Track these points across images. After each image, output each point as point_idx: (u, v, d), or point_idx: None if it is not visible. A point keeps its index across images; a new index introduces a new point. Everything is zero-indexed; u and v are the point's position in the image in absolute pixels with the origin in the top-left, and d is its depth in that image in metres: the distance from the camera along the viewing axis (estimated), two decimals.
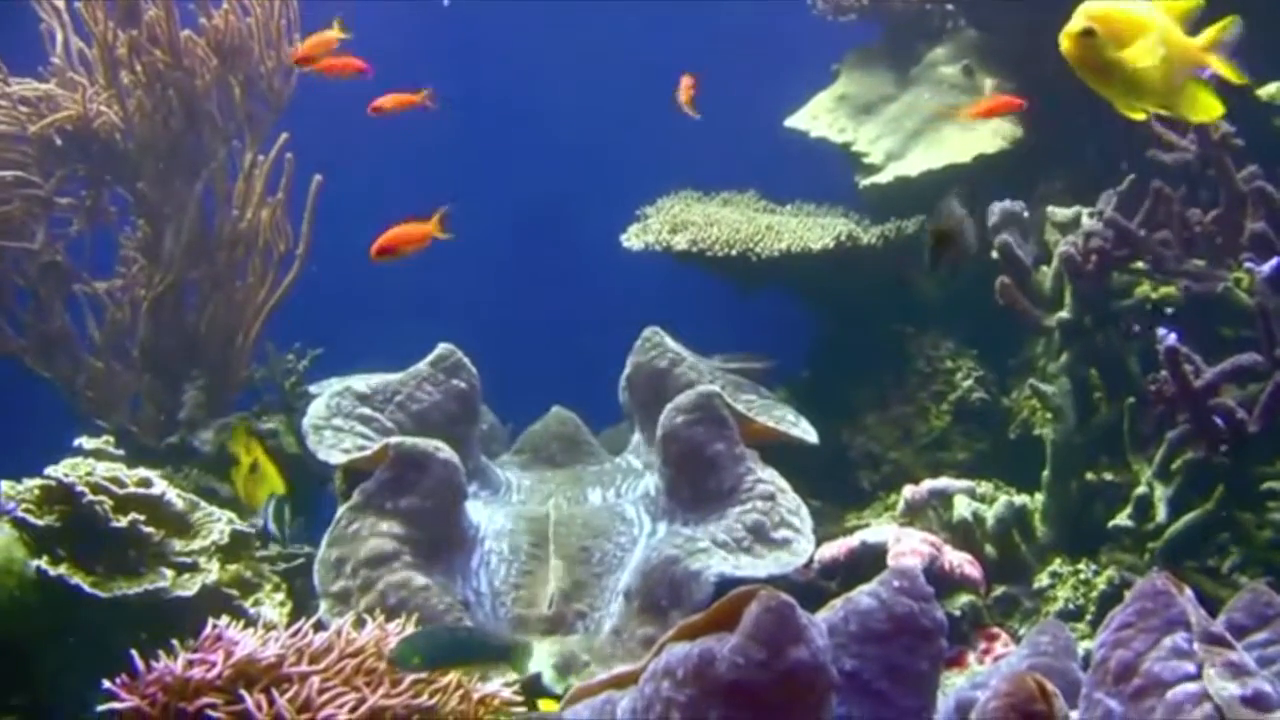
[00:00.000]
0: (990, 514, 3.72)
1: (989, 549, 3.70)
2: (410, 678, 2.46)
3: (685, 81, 4.37)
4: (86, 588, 3.13)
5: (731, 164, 5.21)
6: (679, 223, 4.62)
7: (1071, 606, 3.57)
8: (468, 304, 6.28)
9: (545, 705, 2.92)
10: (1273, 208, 3.49)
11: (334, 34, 4.00)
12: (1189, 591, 1.89)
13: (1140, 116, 2.48)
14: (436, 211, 3.74)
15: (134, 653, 2.37)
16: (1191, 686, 1.76)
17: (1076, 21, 2.40)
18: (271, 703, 2.30)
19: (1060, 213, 4.08)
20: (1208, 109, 2.47)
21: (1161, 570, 2.30)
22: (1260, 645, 1.99)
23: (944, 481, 3.84)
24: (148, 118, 4.24)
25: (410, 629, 2.66)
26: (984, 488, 3.91)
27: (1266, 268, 3.33)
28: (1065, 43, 2.39)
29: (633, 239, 4.67)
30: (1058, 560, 3.70)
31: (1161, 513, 3.48)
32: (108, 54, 4.22)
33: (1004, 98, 4.37)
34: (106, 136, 4.23)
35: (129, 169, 4.30)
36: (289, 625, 2.57)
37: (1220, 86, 3.62)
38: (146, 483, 3.48)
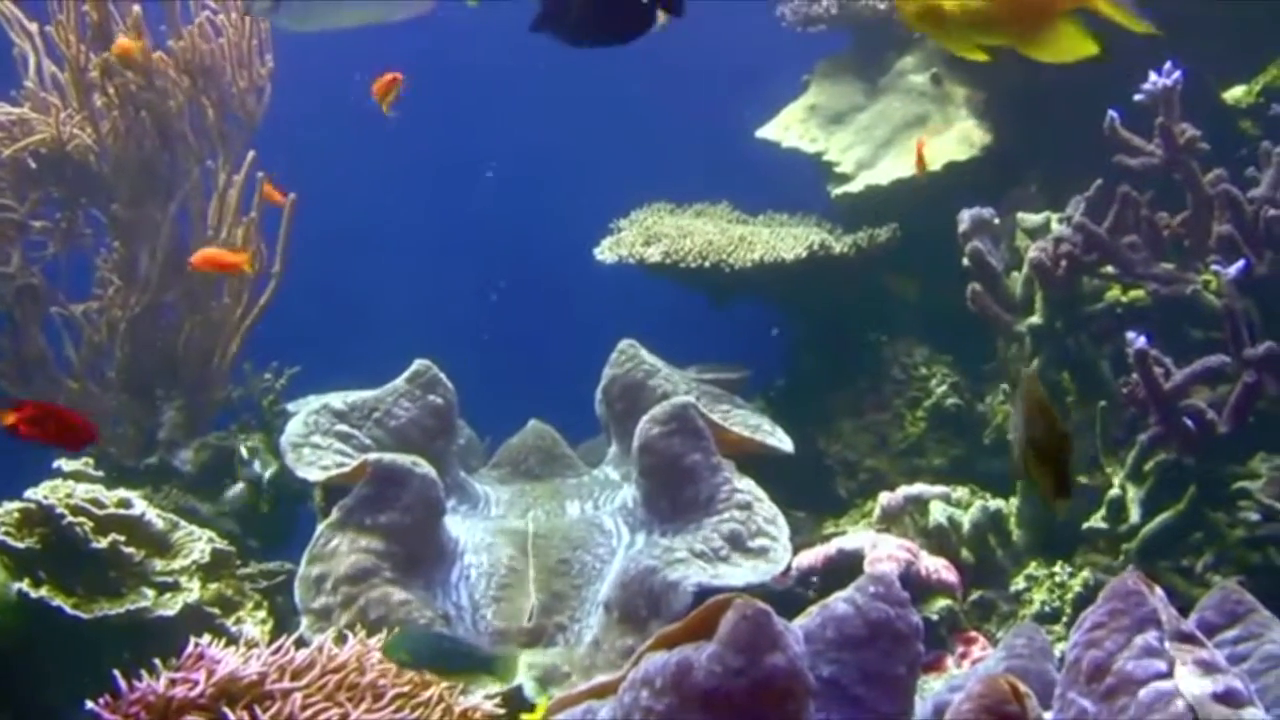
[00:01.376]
0: (966, 519, 3.74)
1: (965, 553, 3.72)
2: (392, 692, 2.48)
3: None
4: (68, 609, 3.15)
5: (704, 176, 5.24)
6: (652, 235, 4.63)
7: (1047, 609, 3.59)
8: (443, 319, 6.30)
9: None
10: (1239, 211, 3.51)
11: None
12: (1159, 590, 1.91)
13: (979, 56, 2.40)
14: (251, 248, 3.80)
15: (117, 672, 2.37)
16: (1163, 684, 1.77)
17: None
18: None
19: (1030, 218, 4.10)
20: (1072, 49, 2.33)
21: (1134, 570, 2.33)
22: (1231, 643, 2.01)
23: (920, 487, 3.87)
24: (121, 139, 4.24)
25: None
26: (959, 493, 3.93)
27: (1233, 270, 3.36)
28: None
29: (606, 252, 4.68)
30: (1033, 563, 3.72)
31: (1135, 514, 3.51)
32: (80, 77, 4.22)
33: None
34: (80, 159, 4.23)
35: (103, 191, 4.30)
36: (271, 643, 2.58)
37: (1190, 93, 3.67)
38: (126, 503, 3.49)
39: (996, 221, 3.98)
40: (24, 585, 3.15)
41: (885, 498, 3.85)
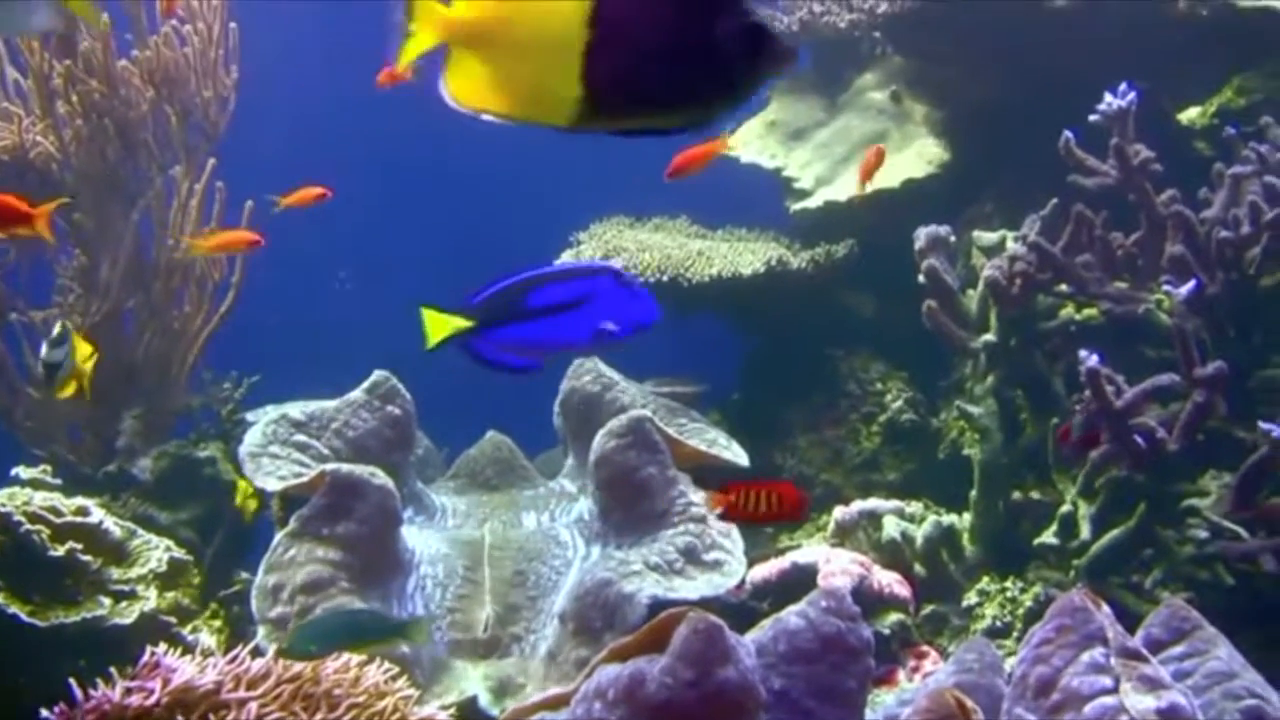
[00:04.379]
0: (919, 533, 3.77)
1: (918, 568, 3.75)
2: (347, 702, 2.49)
3: None
4: (24, 617, 3.14)
5: (663, 190, 5.26)
6: (611, 248, 4.66)
7: (999, 624, 3.62)
8: (403, 330, 6.29)
9: None
10: (1191, 232, 3.55)
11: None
12: (1106, 607, 1.94)
13: None
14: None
15: (72, 681, 2.38)
16: (1108, 700, 1.80)
17: None
18: None
19: (985, 236, 4.14)
20: None
21: (1085, 587, 2.35)
22: (1177, 659, 2.04)
23: (874, 502, 3.89)
24: (84, 147, 4.24)
25: (346, 656, 2.67)
26: (913, 508, 3.96)
27: (1184, 290, 3.39)
28: None
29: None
30: (985, 578, 3.75)
31: (1085, 530, 3.54)
32: (44, 84, 4.23)
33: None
34: (43, 166, 4.23)
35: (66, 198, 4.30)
36: (226, 652, 2.59)
37: (1145, 113, 3.71)
38: (84, 511, 3.49)
39: (952, 239, 4.01)
40: None
41: (839, 512, 3.88)
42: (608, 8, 1.47)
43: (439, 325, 2.77)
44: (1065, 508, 3.60)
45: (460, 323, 2.74)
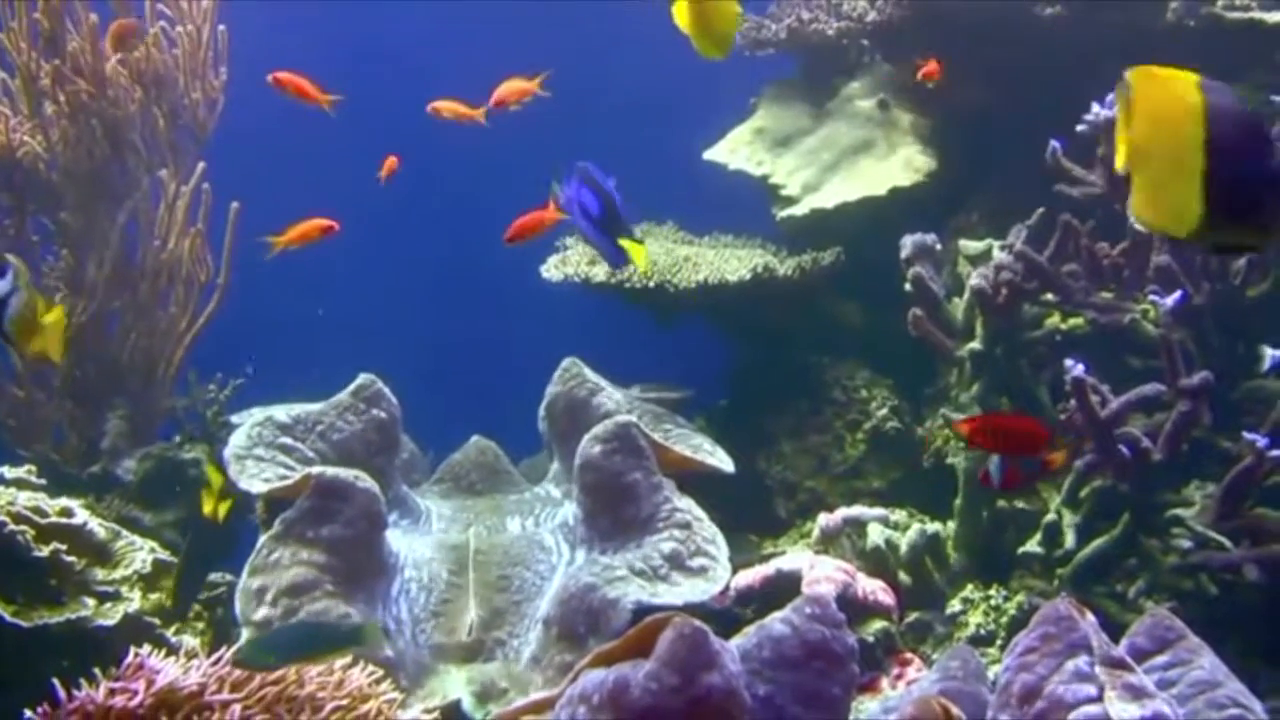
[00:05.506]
0: (904, 541, 3.76)
1: (903, 576, 3.74)
2: (331, 705, 2.48)
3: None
4: (8, 617, 3.13)
5: (650, 196, 5.26)
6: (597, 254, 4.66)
7: (983, 632, 3.62)
8: (389, 334, 6.29)
9: None
10: (1176, 242, 3.56)
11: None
12: (1091, 616, 1.94)
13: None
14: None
15: (56, 682, 2.37)
16: (1093, 709, 1.81)
17: None
18: None
19: (972, 245, 4.14)
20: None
21: (1068, 596, 2.35)
22: (1161, 668, 2.04)
23: (858, 509, 3.89)
24: (71, 148, 4.24)
25: (331, 659, 2.66)
26: (898, 515, 3.96)
27: (1170, 300, 3.40)
28: None
29: (552, 270, 4.70)
30: (970, 586, 3.75)
31: (1070, 539, 3.54)
32: (31, 84, 4.22)
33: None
34: (30, 166, 4.23)
35: (52, 198, 4.30)
36: (210, 654, 2.58)
37: None
38: (68, 512, 3.48)
39: (939, 248, 4.02)
40: None
41: (824, 519, 3.87)
42: (1217, 138, 1.81)
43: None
44: (1050, 516, 3.60)
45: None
